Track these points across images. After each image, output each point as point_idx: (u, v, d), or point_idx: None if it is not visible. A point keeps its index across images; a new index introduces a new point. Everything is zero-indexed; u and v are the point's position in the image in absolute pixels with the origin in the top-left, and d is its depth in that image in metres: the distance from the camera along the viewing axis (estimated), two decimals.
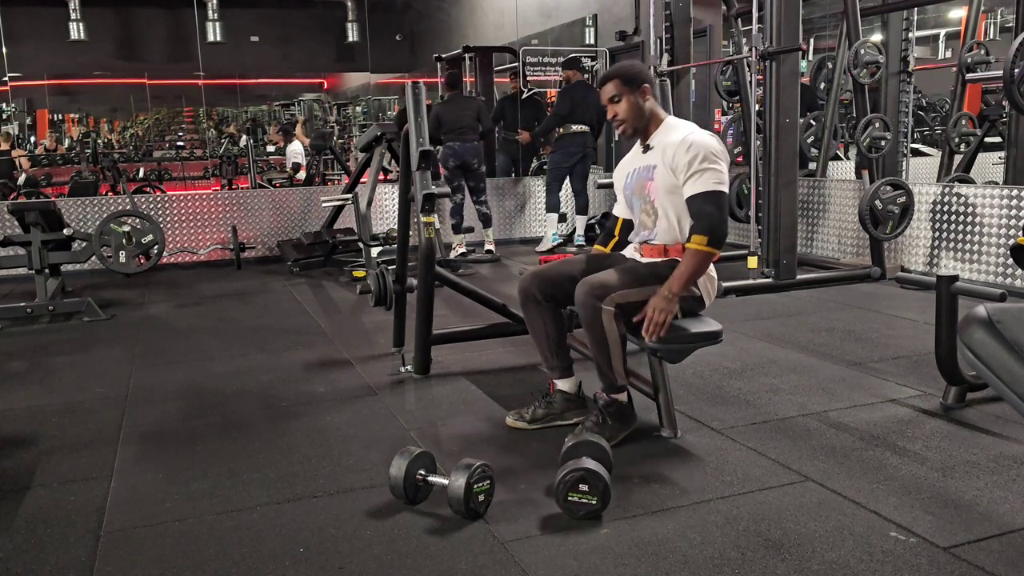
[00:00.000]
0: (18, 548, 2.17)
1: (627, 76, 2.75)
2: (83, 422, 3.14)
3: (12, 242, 5.12)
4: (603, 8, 9.36)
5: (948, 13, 10.49)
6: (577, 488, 2.20)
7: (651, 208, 2.78)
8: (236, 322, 4.87)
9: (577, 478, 2.20)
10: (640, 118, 2.77)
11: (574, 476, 2.20)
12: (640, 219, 2.85)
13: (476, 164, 6.82)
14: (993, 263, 4.96)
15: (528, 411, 2.93)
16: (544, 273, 2.87)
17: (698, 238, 2.60)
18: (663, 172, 2.71)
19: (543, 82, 8.85)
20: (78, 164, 11.31)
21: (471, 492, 2.22)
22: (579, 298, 2.61)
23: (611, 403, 2.73)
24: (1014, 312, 1.32)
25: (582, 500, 2.20)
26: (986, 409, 2.98)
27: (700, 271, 2.64)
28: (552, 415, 2.92)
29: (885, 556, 2.00)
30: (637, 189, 2.83)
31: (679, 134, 2.71)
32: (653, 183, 2.75)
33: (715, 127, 7.48)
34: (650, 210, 2.79)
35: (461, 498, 2.20)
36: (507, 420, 2.94)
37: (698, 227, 2.61)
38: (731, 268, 6.02)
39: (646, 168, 2.79)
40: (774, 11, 5.02)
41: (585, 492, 2.20)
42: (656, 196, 2.75)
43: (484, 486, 2.26)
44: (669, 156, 2.69)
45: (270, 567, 2.03)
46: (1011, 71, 4.59)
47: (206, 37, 13.67)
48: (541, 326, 2.87)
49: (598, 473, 2.21)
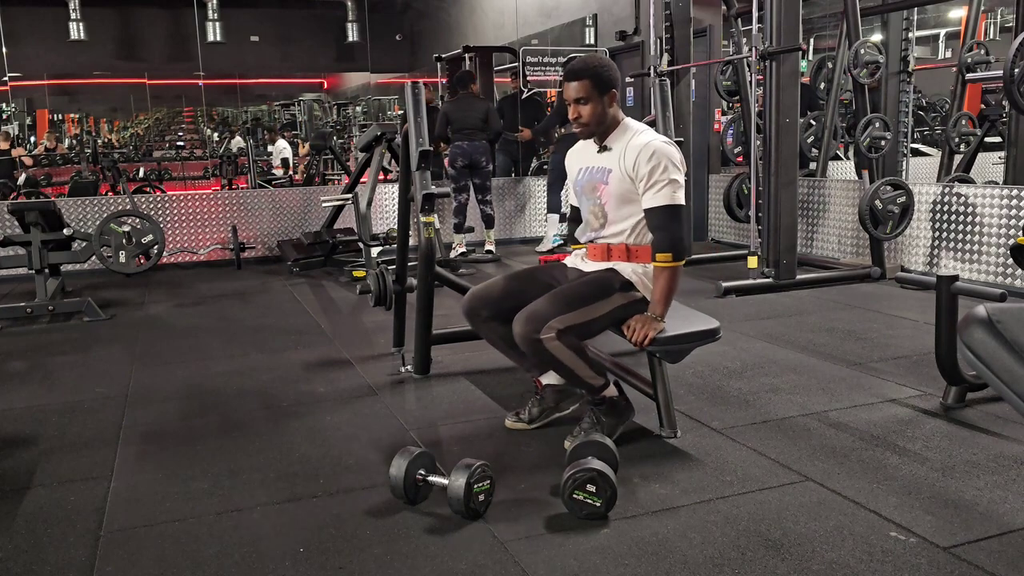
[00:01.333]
0: (18, 548, 2.17)
1: (599, 79, 2.66)
2: (83, 422, 3.14)
3: (12, 242, 5.12)
4: (603, 8, 9.36)
5: (948, 13, 10.49)
6: (584, 487, 2.20)
7: (600, 211, 2.77)
8: (236, 322, 4.87)
9: (587, 478, 2.20)
10: (603, 123, 2.73)
11: (584, 475, 2.20)
12: (587, 218, 2.84)
13: (484, 163, 6.83)
14: (993, 263, 4.96)
15: (524, 411, 2.94)
16: (484, 294, 2.83)
17: (663, 256, 2.63)
18: (620, 177, 2.68)
19: (543, 82, 8.84)
20: (78, 164, 11.31)
21: (471, 492, 2.22)
22: (517, 336, 2.58)
23: (600, 401, 2.73)
24: (1014, 312, 1.32)
25: (587, 500, 2.21)
26: (986, 409, 2.98)
27: (675, 285, 2.66)
28: (547, 410, 2.92)
29: (885, 556, 2.00)
30: (588, 188, 2.80)
31: (640, 139, 2.68)
32: (607, 188, 2.72)
33: (715, 127, 7.48)
34: (599, 212, 2.77)
35: (461, 498, 2.20)
36: (506, 423, 2.94)
37: (662, 244, 2.63)
38: (731, 268, 6.03)
39: (601, 170, 2.75)
40: (774, 11, 5.03)
41: (592, 493, 2.20)
42: (608, 200, 2.73)
43: (484, 486, 2.26)
44: (629, 162, 2.66)
45: (270, 567, 2.03)
46: (1011, 71, 4.59)
47: (206, 37, 13.67)
48: (498, 339, 2.85)
49: (609, 478, 2.22)
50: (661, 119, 4.87)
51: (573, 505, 2.22)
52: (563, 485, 2.23)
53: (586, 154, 2.85)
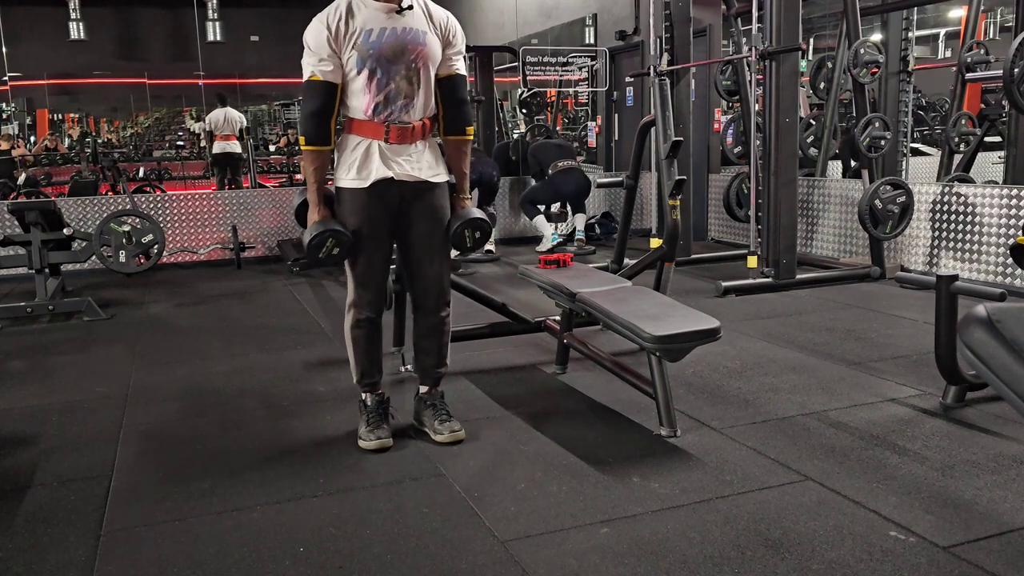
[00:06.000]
0: (18, 547, 2.17)
1: None
2: (83, 421, 3.14)
3: (12, 242, 5.12)
4: (603, 8, 9.36)
5: (948, 13, 10.50)
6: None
7: (415, 77, 2.60)
8: (236, 321, 4.87)
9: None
10: None
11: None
12: (389, 90, 2.58)
13: (495, 177, 6.99)
14: (993, 263, 4.96)
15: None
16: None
17: (471, 129, 2.73)
18: (434, 40, 2.61)
19: (543, 82, 8.84)
20: (78, 164, 11.31)
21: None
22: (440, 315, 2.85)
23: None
24: (1014, 312, 1.32)
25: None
26: (986, 408, 2.98)
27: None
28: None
29: (885, 555, 2.00)
30: (394, 52, 2.55)
31: (434, 8, 2.68)
32: (425, 50, 2.59)
33: (715, 127, 7.48)
34: (413, 79, 2.60)
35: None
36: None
37: (469, 117, 2.71)
38: (731, 268, 6.03)
39: (413, 31, 2.57)
40: (774, 11, 5.03)
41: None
42: (423, 63, 2.59)
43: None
44: (442, 24, 2.64)
45: (270, 567, 2.03)
46: (1011, 71, 4.60)
47: (206, 37, 13.66)
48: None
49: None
50: (661, 119, 4.87)
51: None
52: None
53: (374, 15, 2.56)
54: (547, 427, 2.91)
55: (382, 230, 2.69)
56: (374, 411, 2.80)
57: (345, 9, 2.56)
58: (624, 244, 5.62)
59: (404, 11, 2.57)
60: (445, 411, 2.84)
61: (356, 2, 2.57)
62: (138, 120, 16.10)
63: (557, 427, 2.91)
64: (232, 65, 16.16)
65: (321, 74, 2.56)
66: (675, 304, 3.07)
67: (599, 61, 8.61)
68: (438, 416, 2.81)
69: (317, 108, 2.57)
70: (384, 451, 2.71)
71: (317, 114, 2.57)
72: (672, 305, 3.05)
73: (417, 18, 2.61)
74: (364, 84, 2.58)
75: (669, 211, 4.34)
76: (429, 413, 2.84)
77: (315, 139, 2.59)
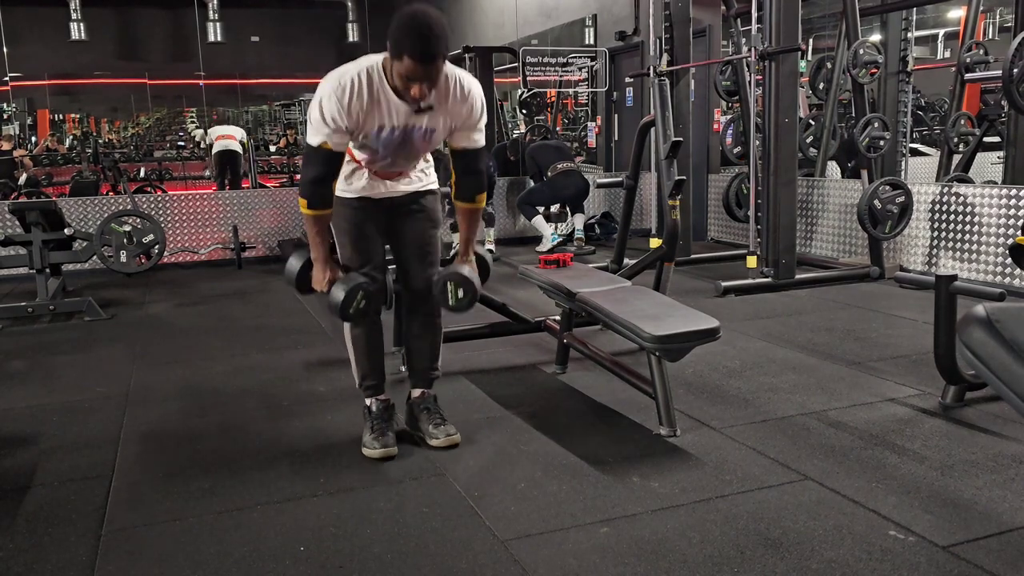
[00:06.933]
0: (18, 548, 2.17)
1: (447, 49, 2.40)
2: (83, 422, 3.14)
3: (13, 242, 5.13)
4: (603, 8, 9.36)
5: (947, 13, 10.49)
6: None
7: (414, 157, 2.70)
8: (236, 321, 4.87)
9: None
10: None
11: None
12: (387, 162, 2.65)
13: (492, 168, 6.97)
14: (992, 263, 4.96)
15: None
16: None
17: (482, 197, 2.76)
18: (443, 131, 2.60)
19: (543, 82, 8.85)
20: (79, 164, 11.32)
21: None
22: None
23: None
24: (1013, 312, 1.32)
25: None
26: (985, 408, 2.98)
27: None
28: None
29: (884, 555, 2.00)
30: (396, 146, 2.57)
31: (462, 85, 2.53)
32: (428, 144, 2.64)
33: (714, 127, 7.48)
34: (411, 157, 2.69)
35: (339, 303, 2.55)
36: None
37: (481, 187, 2.74)
38: (730, 268, 6.04)
39: (420, 130, 2.55)
40: (773, 11, 5.03)
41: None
42: (425, 149, 2.68)
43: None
44: (467, 107, 2.55)
45: (270, 566, 2.03)
46: (1010, 71, 4.60)
47: (206, 37, 13.67)
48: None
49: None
50: (660, 119, 4.88)
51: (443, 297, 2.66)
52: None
53: (396, 109, 2.49)
54: (547, 427, 2.92)
55: (376, 225, 2.73)
56: (379, 418, 2.78)
57: (368, 96, 2.44)
58: (624, 244, 5.62)
59: (425, 110, 2.52)
60: (439, 415, 2.83)
61: (378, 86, 2.45)
62: (139, 120, 16.11)
63: (557, 427, 2.91)
64: (232, 65, 16.18)
65: (333, 145, 2.48)
66: (675, 304, 3.08)
67: (599, 61, 8.62)
68: (432, 420, 2.80)
69: (323, 175, 2.52)
70: (390, 459, 2.68)
71: (322, 180, 2.52)
72: (672, 305, 3.06)
73: (437, 112, 2.53)
74: (364, 154, 2.65)
75: (669, 211, 4.35)
76: (424, 417, 2.83)
77: (318, 204, 2.56)
